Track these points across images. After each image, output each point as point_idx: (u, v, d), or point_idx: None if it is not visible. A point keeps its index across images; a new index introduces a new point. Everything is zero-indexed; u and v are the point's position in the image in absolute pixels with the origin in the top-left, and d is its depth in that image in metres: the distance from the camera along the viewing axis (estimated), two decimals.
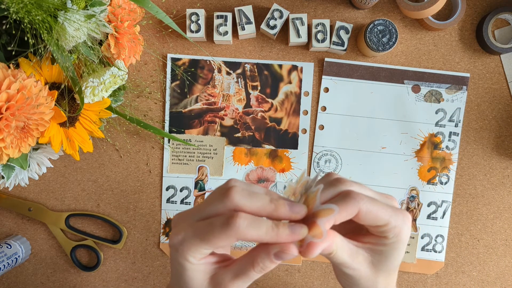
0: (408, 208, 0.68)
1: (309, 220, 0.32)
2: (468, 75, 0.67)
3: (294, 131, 0.68)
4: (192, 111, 0.68)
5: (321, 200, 0.34)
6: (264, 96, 0.68)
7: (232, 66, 0.68)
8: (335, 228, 0.34)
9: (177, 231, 0.33)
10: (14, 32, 0.48)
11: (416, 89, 0.68)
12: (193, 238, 0.32)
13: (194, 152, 0.68)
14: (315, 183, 0.33)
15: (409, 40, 0.68)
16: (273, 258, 0.32)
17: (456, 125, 0.68)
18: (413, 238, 0.68)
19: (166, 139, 0.68)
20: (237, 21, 0.64)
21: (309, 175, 0.69)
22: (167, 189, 0.69)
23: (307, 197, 0.33)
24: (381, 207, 0.34)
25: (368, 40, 0.63)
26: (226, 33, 0.65)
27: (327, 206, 0.31)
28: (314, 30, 0.64)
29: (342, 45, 0.65)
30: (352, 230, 0.38)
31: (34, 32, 0.46)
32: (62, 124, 0.56)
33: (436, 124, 0.68)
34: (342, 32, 0.65)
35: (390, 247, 0.35)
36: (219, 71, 0.68)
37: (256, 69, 0.68)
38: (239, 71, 0.68)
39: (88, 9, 0.49)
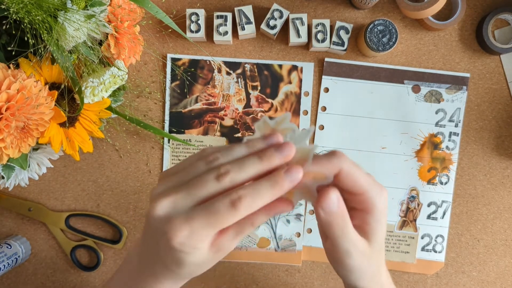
0: (408, 208, 0.68)
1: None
2: (468, 75, 0.67)
3: None
4: (192, 111, 0.68)
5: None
6: (264, 96, 0.68)
7: (232, 66, 0.68)
8: None
9: (178, 226, 0.31)
10: (14, 32, 0.48)
11: (416, 89, 0.68)
12: (202, 227, 0.31)
13: (194, 152, 0.68)
14: (302, 136, 0.33)
15: (409, 40, 0.68)
16: (273, 215, 0.33)
17: (456, 125, 0.68)
18: (413, 238, 0.68)
19: (166, 139, 0.68)
20: (237, 21, 0.64)
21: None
22: None
23: (298, 149, 0.33)
24: (361, 174, 0.35)
25: (368, 40, 0.63)
26: (226, 33, 0.65)
27: (321, 170, 0.32)
28: (314, 30, 0.64)
29: (342, 45, 0.65)
30: None
31: (34, 32, 0.46)
32: (62, 124, 0.56)
33: (436, 124, 0.68)
34: (342, 32, 0.65)
35: (374, 223, 0.36)
36: (219, 71, 0.68)
37: (256, 69, 0.68)
38: (239, 71, 0.68)
39: (88, 9, 0.49)
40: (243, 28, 0.64)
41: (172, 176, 0.34)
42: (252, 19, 0.64)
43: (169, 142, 0.68)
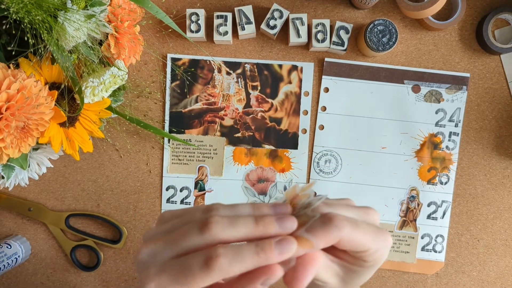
0: (408, 208, 0.68)
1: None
2: (468, 75, 0.67)
3: (294, 131, 0.68)
4: (192, 111, 0.68)
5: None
6: (264, 96, 0.68)
7: (232, 66, 0.68)
8: None
9: (149, 277, 0.29)
10: (14, 32, 0.48)
11: (416, 89, 0.68)
12: (170, 284, 0.28)
13: (194, 152, 0.68)
14: (317, 203, 0.31)
15: (409, 40, 0.68)
16: (260, 286, 0.29)
17: (456, 125, 0.68)
18: (413, 238, 0.68)
19: (166, 139, 0.68)
20: (237, 21, 0.64)
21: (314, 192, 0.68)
22: (167, 189, 0.69)
23: (303, 215, 0.31)
24: (364, 233, 0.31)
25: (368, 40, 0.63)
26: (226, 33, 0.65)
27: (307, 236, 0.29)
28: (314, 30, 0.64)
29: (342, 45, 0.65)
30: None
31: (34, 32, 0.46)
32: (62, 124, 0.56)
33: (436, 124, 0.68)
34: (342, 32, 0.65)
35: (366, 268, 0.33)
36: (219, 71, 0.68)
37: (256, 69, 0.68)
38: (239, 71, 0.68)
39: (88, 9, 0.49)
40: (243, 28, 0.64)
41: (169, 220, 0.32)
42: (252, 19, 0.64)
43: (169, 142, 0.68)
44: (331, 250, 0.34)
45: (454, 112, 0.68)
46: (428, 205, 0.68)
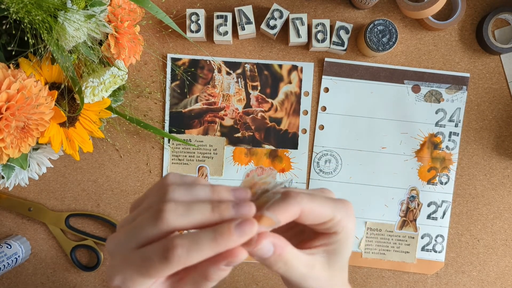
0: (408, 208, 0.68)
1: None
2: (468, 75, 0.67)
3: (294, 131, 0.68)
4: (192, 111, 0.68)
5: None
6: (264, 96, 0.68)
7: (232, 66, 0.68)
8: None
9: (114, 270, 0.29)
10: (14, 32, 0.48)
11: (416, 89, 0.68)
12: (134, 276, 0.28)
13: (194, 152, 0.68)
14: (276, 189, 0.31)
15: (409, 40, 0.68)
16: (224, 267, 0.29)
17: (456, 125, 0.68)
18: (413, 238, 0.68)
19: (166, 139, 0.68)
20: (237, 21, 0.64)
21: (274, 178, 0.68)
22: None
23: (264, 198, 0.31)
24: (321, 202, 0.32)
25: (368, 40, 0.63)
26: (226, 33, 0.65)
27: (268, 214, 0.29)
28: (314, 30, 0.64)
29: (342, 45, 0.65)
30: (299, 239, 0.37)
31: (34, 32, 0.46)
32: (62, 124, 0.56)
33: (436, 124, 0.68)
34: (342, 32, 0.65)
35: (341, 243, 0.34)
36: (219, 71, 0.68)
37: (256, 69, 0.68)
38: (239, 71, 0.68)
39: (88, 9, 0.49)
40: (243, 28, 0.64)
41: (136, 207, 0.32)
42: (252, 19, 0.64)
43: (169, 142, 0.68)
44: (305, 244, 0.35)
45: (454, 112, 0.68)
46: (428, 205, 0.68)
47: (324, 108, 0.68)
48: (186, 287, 0.30)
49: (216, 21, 0.65)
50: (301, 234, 0.37)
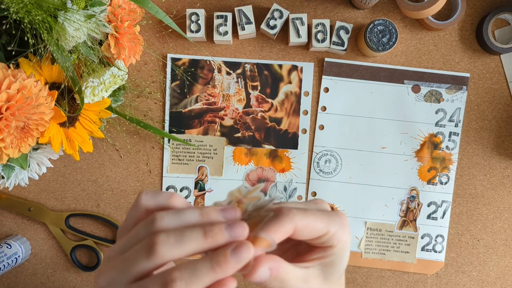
0: (408, 208, 0.68)
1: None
2: (468, 75, 0.67)
3: (294, 131, 0.68)
4: (192, 111, 0.68)
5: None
6: (264, 96, 0.68)
7: (232, 66, 0.68)
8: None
9: None
10: (14, 32, 0.48)
11: (416, 89, 0.68)
12: None
13: (194, 152, 0.68)
14: (268, 206, 0.30)
15: (409, 40, 0.68)
16: None
17: (456, 125, 0.68)
18: (413, 238, 0.68)
19: (166, 139, 0.68)
20: (237, 21, 0.64)
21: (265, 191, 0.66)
22: (167, 189, 0.69)
23: (256, 216, 0.30)
24: (315, 217, 0.31)
25: (368, 40, 0.63)
26: (226, 33, 0.65)
27: (262, 235, 0.29)
28: (314, 30, 0.64)
29: (342, 45, 0.65)
30: (295, 252, 0.36)
31: (34, 32, 0.46)
32: (62, 124, 0.56)
33: (436, 124, 0.68)
34: (342, 32, 0.65)
35: (336, 255, 0.34)
36: (219, 71, 0.68)
37: (256, 69, 0.68)
38: (239, 71, 0.68)
39: (88, 9, 0.49)
40: (243, 28, 0.64)
41: (123, 234, 0.31)
42: (252, 19, 0.64)
43: (169, 142, 0.68)
44: (300, 258, 0.34)
45: (454, 112, 0.68)
46: (428, 205, 0.68)
47: (324, 108, 0.68)
48: None
49: (216, 21, 0.65)
50: (297, 247, 0.36)
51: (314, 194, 0.68)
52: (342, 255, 0.34)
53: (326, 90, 0.68)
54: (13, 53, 0.50)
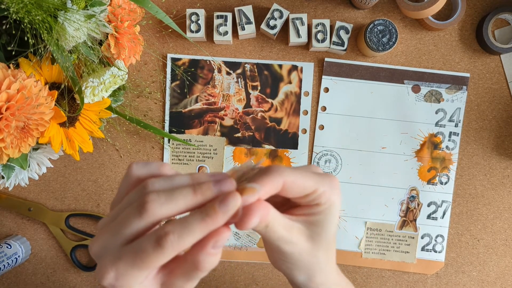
0: (408, 208, 0.68)
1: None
2: (468, 75, 0.67)
3: (294, 131, 0.68)
4: (192, 111, 0.68)
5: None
6: (264, 96, 0.68)
7: (232, 66, 0.68)
8: None
9: (105, 268, 0.29)
10: (14, 32, 0.48)
11: (416, 89, 0.68)
12: (128, 270, 0.28)
13: (194, 152, 0.68)
14: (254, 168, 0.32)
15: (409, 40, 0.68)
16: (212, 251, 0.29)
17: (456, 125, 0.68)
18: (413, 238, 0.68)
19: (166, 139, 0.68)
20: (237, 21, 0.64)
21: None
22: None
23: (243, 179, 0.31)
24: (305, 175, 0.32)
25: (368, 40, 0.63)
26: (226, 33, 0.65)
27: (250, 185, 0.29)
28: (314, 30, 0.64)
29: (342, 45, 0.65)
30: (282, 206, 0.36)
31: (34, 32, 0.46)
32: (62, 124, 0.56)
33: (436, 124, 0.68)
34: (342, 32, 0.65)
35: (324, 215, 0.34)
36: (219, 71, 0.68)
37: (256, 69, 0.68)
38: (239, 71, 0.68)
39: (88, 9, 0.49)
40: (243, 28, 0.64)
41: (116, 204, 0.32)
42: (252, 19, 0.64)
43: (169, 142, 0.68)
44: (286, 211, 0.35)
45: (454, 112, 0.68)
46: (428, 205, 0.68)
47: (324, 108, 0.68)
48: (178, 280, 0.30)
49: (216, 21, 0.65)
50: (284, 205, 0.36)
51: None
52: (329, 216, 0.34)
53: (326, 90, 0.68)
54: (13, 53, 0.50)
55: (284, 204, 0.37)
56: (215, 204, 0.28)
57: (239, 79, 0.68)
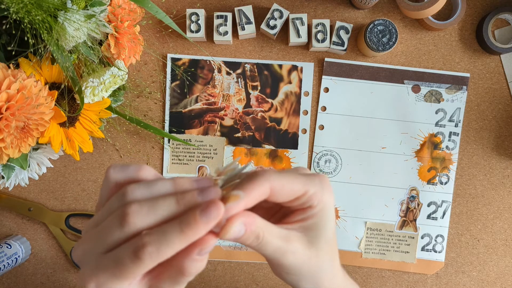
0: (408, 208, 0.68)
1: None
2: (468, 75, 0.67)
3: (294, 131, 0.68)
4: (192, 111, 0.68)
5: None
6: (264, 96, 0.68)
7: (232, 66, 0.68)
8: None
9: (87, 277, 0.28)
10: (14, 32, 0.48)
11: (416, 89, 0.68)
12: (109, 279, 0.28)
13: (194, 152, 0.68)
14: (240, 173, 0.30)
15: (409, 40, 0.68)
16: (198, 258, 0.28)
17: (456, 125, 0.68)
18: (413, 238, 0.68)
19: (166, 139, 0.68)
20: (237, 21, 0.64)
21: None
22: None
23: (230, 185, 0.30)
24: (293, 177, 0.31)
25: (368, 40, 0.63)
26: (226, 33, 0.65)
27: (234, 192, 0.28)
28: (314, 30, 0.64)
29: (342, 45, 0.65)
30: (274, 215, 0.36)
31: (34, 32, 0.46)
32: (62, 124, 0.56)
33: (436, 124, 0.68)
34: (342, 32, 0.65)
35: (319, 217, 0.33)
36: (219, 71, 0.68)
37: (256, 69, 0.68)
38: (239, 71, 0.68)
39: (88, 9, 0.49)
40: (243, 28, 0.64)
41: (99, 209, 0.31)
42: (252, 19, 0.64)
43: (169, 142, 0.68)
44: (280, 221, 0.34)
45: (454, 112, 0.68)
46: (428, 205, 0.68)
47: (324, 108, 0.68)
48: (164, 284, 0.29)
49: (216, 21, 0.65)
50: (276, 214, 0.35)
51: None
52: (324, 217, 0.33)
53: (326, 90, 0.68)
54: (13, 53, 0.50)
55: (277, 212, 0.36)
56: (195, 213, 0.27)
57: (239, 79, 0.68)
